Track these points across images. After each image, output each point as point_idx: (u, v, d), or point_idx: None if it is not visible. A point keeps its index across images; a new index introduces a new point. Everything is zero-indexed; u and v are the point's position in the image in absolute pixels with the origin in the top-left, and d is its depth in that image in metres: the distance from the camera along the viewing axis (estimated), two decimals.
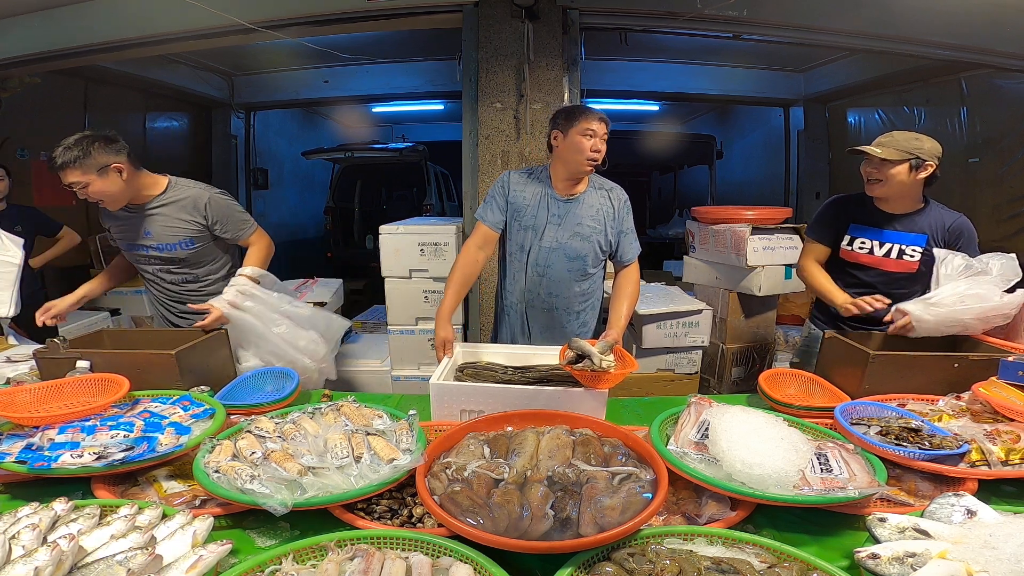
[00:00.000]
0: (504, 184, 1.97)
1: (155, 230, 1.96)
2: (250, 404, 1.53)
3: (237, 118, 6.45)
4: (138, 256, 2.03)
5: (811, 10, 3.32)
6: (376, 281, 3.56)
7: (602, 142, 1.87)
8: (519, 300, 2.00)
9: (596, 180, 2.01)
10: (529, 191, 1.94)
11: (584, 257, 1.94)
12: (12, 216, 3.14)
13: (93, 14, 3.43)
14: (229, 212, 2.02)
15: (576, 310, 2.01)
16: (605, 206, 1.97)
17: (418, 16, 3.32)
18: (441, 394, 1.47)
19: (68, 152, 1.73)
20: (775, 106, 6.36)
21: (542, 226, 1.92)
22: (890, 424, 1.30)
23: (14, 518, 0.95)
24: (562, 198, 1.94)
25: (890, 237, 1.95)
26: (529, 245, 1.94)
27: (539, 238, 1.93)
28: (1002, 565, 0.80)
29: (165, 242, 1.97)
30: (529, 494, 0.99)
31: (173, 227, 1.96)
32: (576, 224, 1.92)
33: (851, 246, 1.98)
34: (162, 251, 1.98)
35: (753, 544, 0.93)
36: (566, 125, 1.86)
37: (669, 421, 1.34)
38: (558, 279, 1.94)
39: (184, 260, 2.02)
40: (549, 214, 1.92)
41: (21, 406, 1.36)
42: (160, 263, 2.02)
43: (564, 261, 1.93)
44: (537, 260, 1.94)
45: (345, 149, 6.93)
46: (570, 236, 1.92)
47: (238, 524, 1.05)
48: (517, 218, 1.94)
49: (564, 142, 1.88)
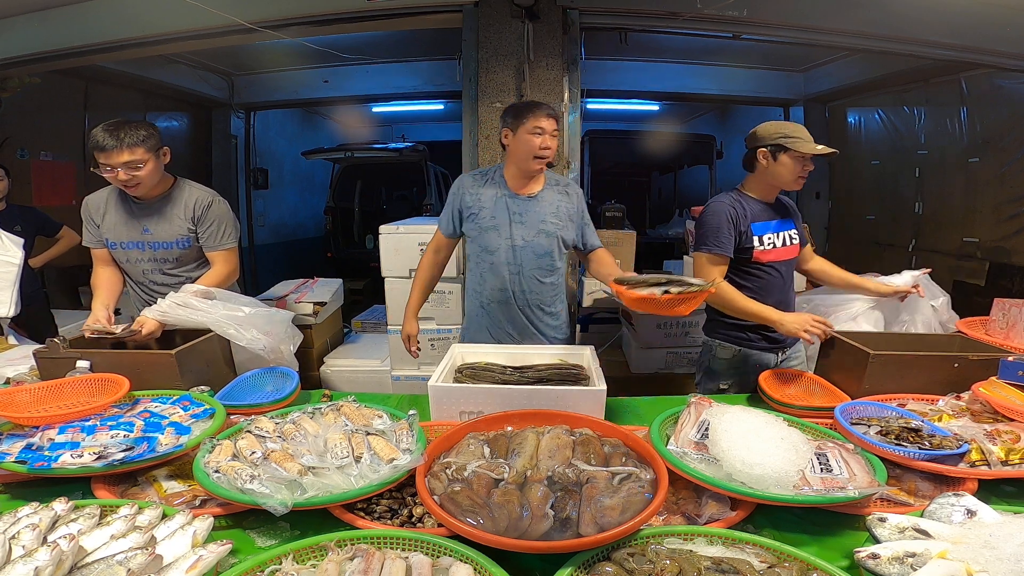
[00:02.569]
0: (458, 190, 1.99)
1: (154, 226, 1.96)
2: (250, 404, 1.53)
3: (237, 118, 6.45)
4: (132, 255, 2.01)
5: (811, 10, 3.32)
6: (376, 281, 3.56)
7: (552, 139, 1.86)
8: (492, 300, 1.99)
9: (551, 177, 2.03)
10: (485, 193, 1.95)
11: (551, 253, 1.97)
12: (12, 216, 3.14)
13: (93, 14, 3.42)
14: (219, 222, 2.00)
15: (549, 304, 2.03)
16: (564, 202, 1.99)
17: (418, 16, 3.32)
18: (440, 396, 1.46)
19: (135, 131, 1.79)
20: (775, 106, 6.35)
21: (506, 226, 1.93)
22: (890, 424, 1.30)
23: (14, 518, 0.95)
24: (521, 196, 1.95)
25: (779, 226, 1.92)
26: (496, 245, 1.94)
27: (508, 237, 1.93)
28: (1002, 565, 0.80)
29: (162, 239, 1.97)
30: (529, 494, 0.99)
31: (171, 224, 1.96)
32: (540, 222, 1.94)
33: (763, 245, 1.87)
34: (157, 249, 1.98)
35: (753, 544, 0.93)
36: (515, 123, 1.86)
37: (669, 421, 1.34)
38: (530, 276, 1.96)
39: (178, 260, 2.01)
40: (510, 213, 1.93)
41: (21, 406, 1.36)
42: (154, 262, 2.01)
43: (534, 258, 1.95)
44: (510, 259, 1.94)
45: (345, 149, 6.93)
46: (536, 233, 1.94)
47: (238, 524, 1.05)
48: (475, 221, 1.95)
49: (514, 140, 1.88)
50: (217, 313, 1.74)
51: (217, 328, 1.72)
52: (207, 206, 1.98)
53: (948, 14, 3.27)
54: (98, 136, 1.78)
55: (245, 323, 1.76)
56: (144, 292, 2.08)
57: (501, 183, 1.96)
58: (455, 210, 1.99)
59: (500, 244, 1.93)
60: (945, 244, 4.55)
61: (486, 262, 1.97)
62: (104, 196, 2.01)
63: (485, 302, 2.01)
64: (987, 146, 4.24)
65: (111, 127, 1.79)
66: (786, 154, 1.79)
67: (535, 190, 1.96)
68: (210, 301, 1.78)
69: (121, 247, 2.00)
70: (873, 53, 4.13)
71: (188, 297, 1.76)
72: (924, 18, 3.32)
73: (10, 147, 4.20)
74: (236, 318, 1.76)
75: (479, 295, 2.02)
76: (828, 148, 1.78)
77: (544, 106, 1.87)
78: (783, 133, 1.80)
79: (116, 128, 1.78)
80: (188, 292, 1.79)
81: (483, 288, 2.00)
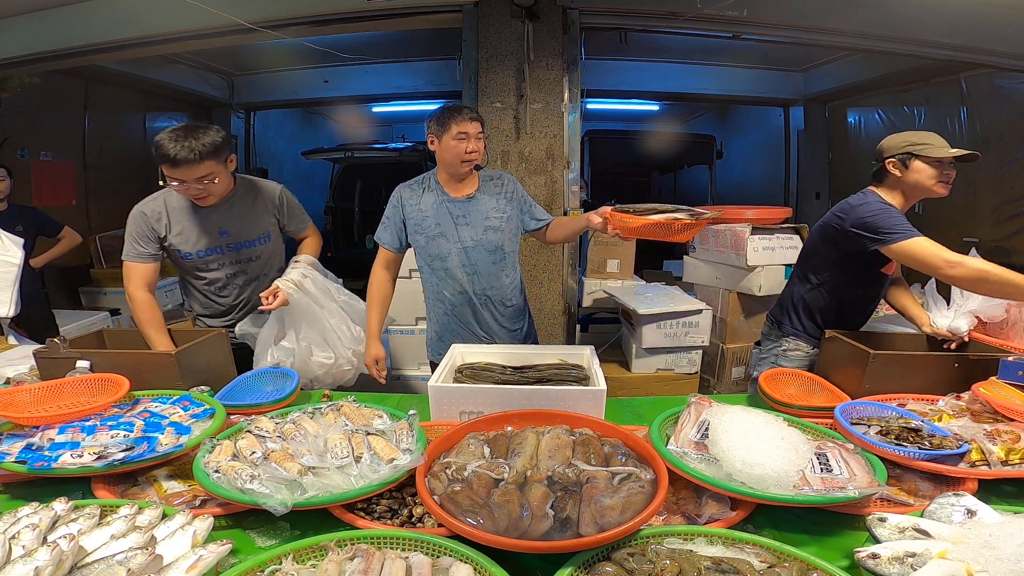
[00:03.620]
0: (397, 203, 1.98)
1: (232, 227, 1.89)
2: (250, 404, 1.53)
3: (237, 118, 6.46)
4: (212, 261, 1.91)
5: (811, 10, 3.33)
6: None
7: (477, 141, 1.85)
8: (456, 303, 1.99)
9: (483, 175, 2.01)
10: (424, 202, 1.94)
11: (502, 246, 1.97)
12: (13, 216, 3.15)
13: (93, 14, 3.43)
14: (296, 205, 2.06)
15: (509, 297, 2.03)
16: (501, 195, 1.98)
17: (418, 16, 3.33)
18: (440, 396, 1.46)
19: (204, 142, 1.63)
20: (775, 106, 6.36)
21: (451, 230, 1.92)
22: (890, 424, 1.30)
23: (14, 518, 0.95)
24: (459, 199, 1.94)
25: None
26: (447, 251, 1.93)
27: (456, 240, 1.93)
28: (1002, 565, 0.80)
29: (244, 239, 1.92)
30: (529, 494, 0.99)
31: (252, 222, 1.92)
32: (484, 219, 1.94)
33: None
34: (239, 250, 1.92)
35: (753, 544, 0.93)
36: (439, 131, 1.85)
37: (669, 421, 1.34)
38: (487, 273, 1.96)
39: (259, 258, 1.98)
40: (453, 217, 1.92)
41: (21, 406, 1.35)
42: (236, 265, 1.95)
43: (486, 255, 1.95)
44: (463, 261, 1.94)
45: (345, 149, 6.93)
46: (483, 231, 1.94)
47: (238, 524, 1.05)
48: (420, 231, 1.94)
49: (440, 147, 1.88)
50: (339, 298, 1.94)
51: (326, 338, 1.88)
52: (281, 194, 2.00)
53: (948, 14, 3.28)
54: (168, 147, 1.61)
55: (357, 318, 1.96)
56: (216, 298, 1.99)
57: (438, 189, 1.95)
58: (398, 224, 1.98)
59: (450, 249, 1.93)
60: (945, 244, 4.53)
61: (440, 269, 1.97)
62: (161, 206, 1.85)
63: (449, 308, 2.01)
64: (987, 146, 4.24)
65: (179, 136, 1.62)
66: (917, 160, 1.77)
67: (471, 191, 1.96)
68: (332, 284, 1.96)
69: (198, 256, 1.89)
70: (873, 53, 4.14)
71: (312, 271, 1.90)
72: (924, 18, 3.32)
73: (10, 147, 4.20)
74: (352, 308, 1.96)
75: (441, 302, 2.02)
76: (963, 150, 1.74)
77: (466, 110, 1.85)
78: (910, 141, 1.79)
79: (185, 138, 1.62)
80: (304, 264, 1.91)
81: (443, 295, 2.00)
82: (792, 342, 1.99)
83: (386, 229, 2.00)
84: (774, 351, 2.05)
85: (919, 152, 1.76)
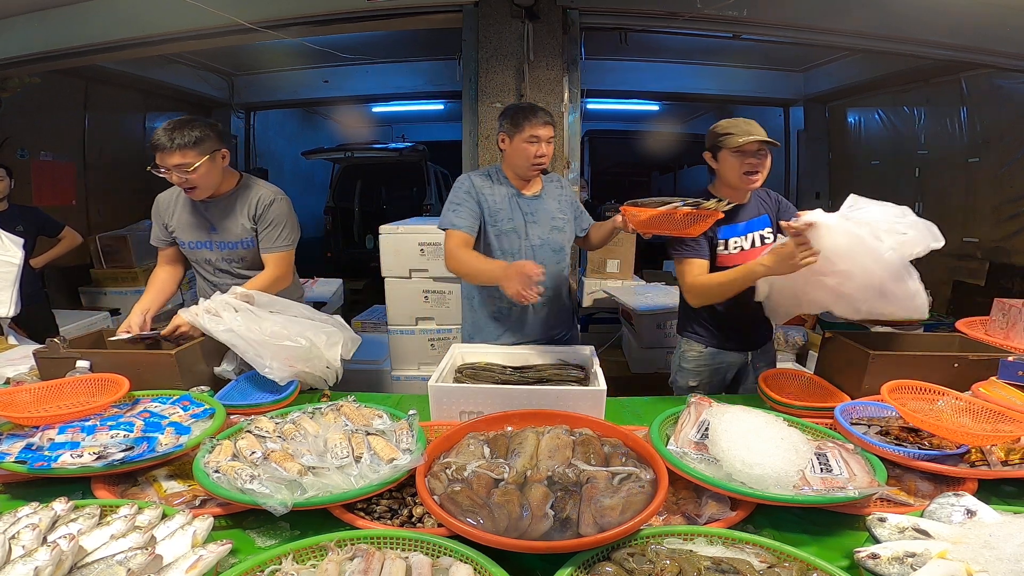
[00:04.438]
0: (471, 188, 1.91)
1: (220, 226, 1.92)
2: (250, 404, 1.53)
3: (237, 118, 6.46)
4: (201, 255, 1.97)
5: (811, 10, 3.32)
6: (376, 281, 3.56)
7: (548, 146, 1.85)
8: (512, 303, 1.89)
9: (543, 175, 2.03)
10: (497, 194, 1.92)
11: (563, 248, 2.00)
12: (14, 216, 3.14)
13: (93, 14, 3.43)
14: (277, 222, 1.92)
15: (565, 299, 2.06)
16: (563, 195, 2.02)
17: (418, 16, 3.32)
18: (440, 396, 1.46)
19: (188, 133, 1.72)
20: (775, 106, 6.36)
21: (522, 227, 1.92)
22: (890, 424, 1.30)
23: (14, 518, 0.95)
24: (528, 196, 1.95)
25: (747, 228, 1.82)
26: (516, 247, 1.92)
27: (526, 238, 1.92)
28: (1002, 565, 0.80)
29: (227, 239, 1.93)
30: (529, 494, 0.99)
31: (235, 224, 1.92)
32: (551, 219, 1.96)
33: (727, 249, 1.80)
34: (224, 249, 1.94)
35: (753, 544, 0.93)
36: (512, 130, 1.85)
37: (669, 421, 1.34)
38: (551, 273, 1.95)
39: (244, 259, 1.97)
40: (524, 214, 1.93)
41: (21, 406, 1.36)
42: (226, 262, 1.97)
43: (551, 255, 1.96)
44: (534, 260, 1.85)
45: (345, 149, 6.93)
46: (550, 231, 1.95)
47: (238, 524, 1.05)
48: (492, 222, 1.90)
49: (510, 146, 1.87)
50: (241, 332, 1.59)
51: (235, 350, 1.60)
52: (268, 204, 1.92)
53: (948, 14, 3.27)
54: (156, 134, 1.74)
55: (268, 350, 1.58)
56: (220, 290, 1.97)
57: (507, 183, 1.95)
58: (474, 208, 1.89)
59: (520, 246, 1.92)
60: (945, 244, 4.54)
61: None
62: (174, 195, 1.97)
63: (505, 307, 1.95)
64: (987, 146, 4.24)
65: (170, 126, 1.74)
66: (723, 151, 1.72)
67: (538, 189, 1.98)
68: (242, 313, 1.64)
69: (190, 247, 1.97)
70: (873, 53, 4.14)
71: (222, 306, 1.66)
72: (924, 18, 3.32)
73: (10, 147, 4.20)
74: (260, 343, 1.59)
75: (500, 299, 1.92)
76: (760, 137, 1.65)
77: (541, 113, 1.84)
78: (716, 132, 1.74)
79: (173, 128, 1.74)
80: (233, 294, 1.71)
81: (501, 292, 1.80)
82: (686, 343, 1.95)
83: (460, 214, 1.86)
84: (676, 353, 2.02)
85: (722, 143, 1.71)
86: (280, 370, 1.57)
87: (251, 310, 1.67)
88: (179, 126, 1.74)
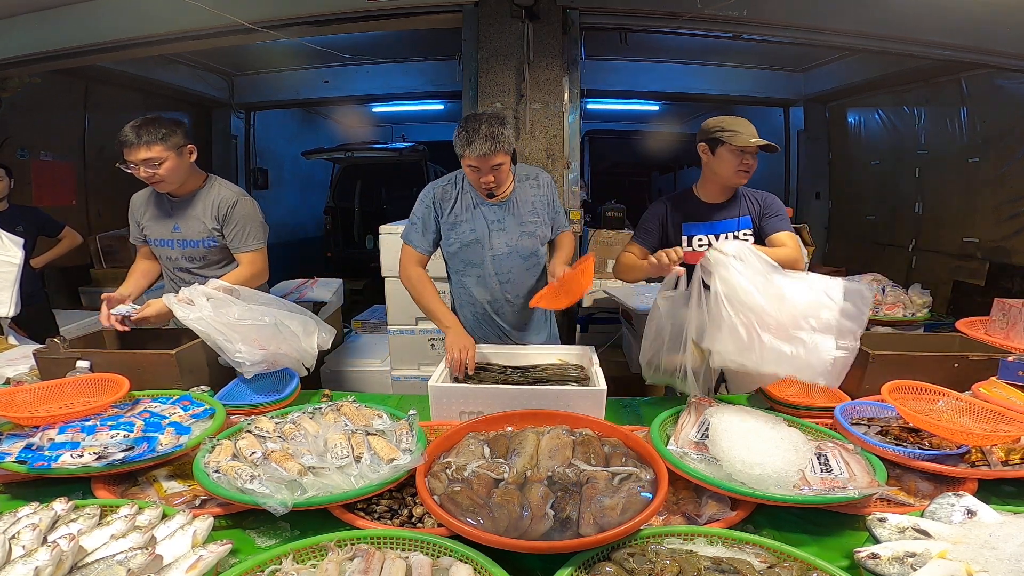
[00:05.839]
0: (430, 203, 1.87)
1: (183, 224, 1.95)
2: (250, 404, 1.53)
3: (237, 118, 6.45)
4: (164, 252, 2.01)
5: (811, 10, 3.33)
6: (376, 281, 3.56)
7: (488, 175, 1.73)
8: (486, 310, 1.94)
9: (520, 171, 1.93)
10: (458, 203, 1.86)
11: (536, 252, 1.93)
12: (14, 216, 3.14)
13: (93, 14, 3.43)
14: (244, 222, 1.95)
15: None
16: (537, 196, 1.91)
17: (418, 16, 3.32)
18: (440, 396, 1.46)
19: (155, 129, 1.80)
20: (775, 106, 6.35)
21: (485, 237, 1.85)
22: (890, 424, 1.30)
23: (14, 518, 0.95)
24: (494, 203, 1.86)
25: (721, 227, 1.85)
26: (480, 258, 1.87)
27: (489, 248, 1.86)
28: (1002, 565, 0.80)
29: (189, 238, 1.96)
30: (529, 494, 0.99)
31: (196, 223, 1.94)
32: (520, 224, 1.87)
33: (691, 246, 1.84)
34: (185, 247, 1.97)
35: (753, 544, 0.93)
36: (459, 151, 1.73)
37: (669, 421, 1.34)
38: (519, 280, 1.91)
39: (204, 259, 1.99)
40: (487, 222, 1.85)
41: (21, 406, 1.35)
42: (186, 260, 2.00)
43: (520, 262, 1.89)
44: (497, 269, 1.88)
45: (345, 149, 6.92)
46: (519, 237, 1.87)
47: (238, 524, 1.05)
48: (454, 236, 1.87)
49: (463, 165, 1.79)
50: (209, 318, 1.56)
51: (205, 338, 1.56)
52: (232, 206, 1.94)
53: (948, 14, 3.27)
54: (124, 131, 1.81)
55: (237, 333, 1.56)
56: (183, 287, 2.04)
57: (471, 190, 1.87)
58: (431, 226, 1.88)
59: (484, 256, 1.86)
60: (945, 244, 4.55)
61: (472, 275, 1.91)
62: (147, 194, 2.02)
63: (479, 312, 1.96)
64: (987, 146, 4.24)
65: (136, 124, 1.82)
66: (723, 147, 1.76)
67: (507, 193, 1.88)
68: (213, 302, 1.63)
69: (155, 244, 2.01)
70: (873, 53, 4.13)
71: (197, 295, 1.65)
72: (924, 18, 3.32)
73: (10, 147, 4.20)
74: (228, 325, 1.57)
75: (472, 306, 1.96)
76: (765, 141, 1.71)
77: (479, 142, 1.66)
78: (720, 127, 1.77)
79: (139, 125, 1.81)
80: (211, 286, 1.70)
81: (473, 299, 1.94)
82: None
83: (417, 231, 1.88)
84: None
85: (726, 139, 1.75)
86: (250, 353, 1.55)
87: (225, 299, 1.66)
88: (146, 123, 1.81)
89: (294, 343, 1.66)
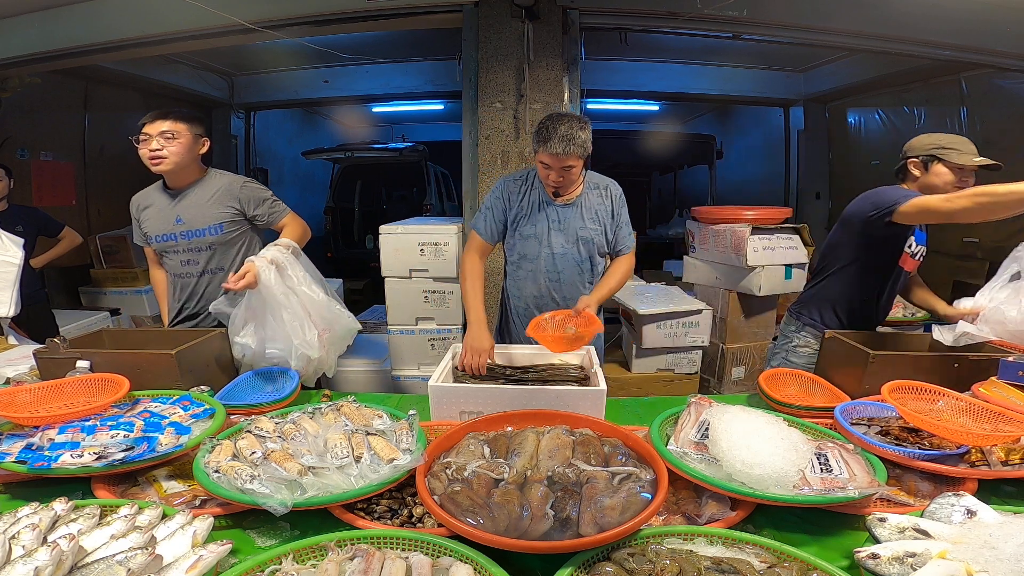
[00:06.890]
0: (501, 195, 1.96)
1: (186, 215, 1.96)
2: (250, 404, 1.53)
3: (237, 118, 6.45)
4: (167, 247, 2.01)
5: (811, 10, 3.32)
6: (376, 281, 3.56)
7: (558, 175, 1.81)
8: (530, 305, 2.00)
9: (591, 179, 2.00)
10: (526, 199, 1.94)
11: (591, 258, 1.97)
12: (14, 216, 3.14)
13: (93, 14, 3.42)
14: (262, 194, 2.04)
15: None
16: (602, 206, 1.97)
17: (418, 16, 3.32)
18: (440, 396, 1.46)
19: (184, 111, 1.92)
20: (775, 106, 6.36)
21: (544, 233, 1.92)
22: (890, 424, 1.30)
23: (14, 518, 0.95)
24: (559, 204, 1.93)
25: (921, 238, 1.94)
26: (536, 253, 1.94)
27: (547, 245, 1.92)
28: (1002, 565, 0.80)
29: (195, 227, 1.96)
30: (529, 494, 0.99)
31: (205, 212, 1.96)
32: (579, 228, 1.93)
33: (912, 252, 1.91)
34: (190, 238, 1.97)
35: (753, 544, 0.93)
36: (535, 145, 1.83)
37: (669, 421, 1.34)
38: (570, 282, 1.95)
39: (211, 247, 1.99)
40: (549, 220, 1.92)
41: (21, 406, 1.35)
42: (189, 252, 2.00)
43: (573, 265, 1.95)
44: (549, 267, 1.94)
45: (345, 149, 6.93)
46: (575, 241, 1.93)
47: (238, 524, 1.05)
48: (517, 227, 1.95)
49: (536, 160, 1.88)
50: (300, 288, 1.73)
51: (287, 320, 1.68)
52: (242, 185, 2.01)
53: (948, 14, 3.28)
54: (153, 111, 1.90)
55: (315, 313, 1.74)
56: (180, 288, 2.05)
57: (540, 188, 1.94)
58: (499, 216, 1.96)
59: (540, 252, 1.93)
60: (945, 244, 4.55)
61: (526, 269, 1.97)
62: (148, 192, 2.05)
63: (524, 307, 2.01)
64: (987, 146, 4.22)
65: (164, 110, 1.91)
66: (939, 164, 1.78)
67: (573, 196, 1.94)
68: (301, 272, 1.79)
69: (156, 240, 2.01)
70: (873, 53, 4.13)
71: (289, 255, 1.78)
72: (924, 18, 3.32)
73: (10, 147, 4.20)
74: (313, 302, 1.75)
75: (517, 300, 2.02)
76: (987, 159, 1.74)
77: (558, 140, 1.73)
78: (938, 144, 1.80)
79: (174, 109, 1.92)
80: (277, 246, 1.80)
81: (520, 294, 2.00)
82: (803, 338, 2.01)
83: (484, 219, 1.97)
84: (786, 346, 2.07)
85: (943, 156, 1.77)
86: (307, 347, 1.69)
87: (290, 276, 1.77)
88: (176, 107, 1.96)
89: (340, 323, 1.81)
